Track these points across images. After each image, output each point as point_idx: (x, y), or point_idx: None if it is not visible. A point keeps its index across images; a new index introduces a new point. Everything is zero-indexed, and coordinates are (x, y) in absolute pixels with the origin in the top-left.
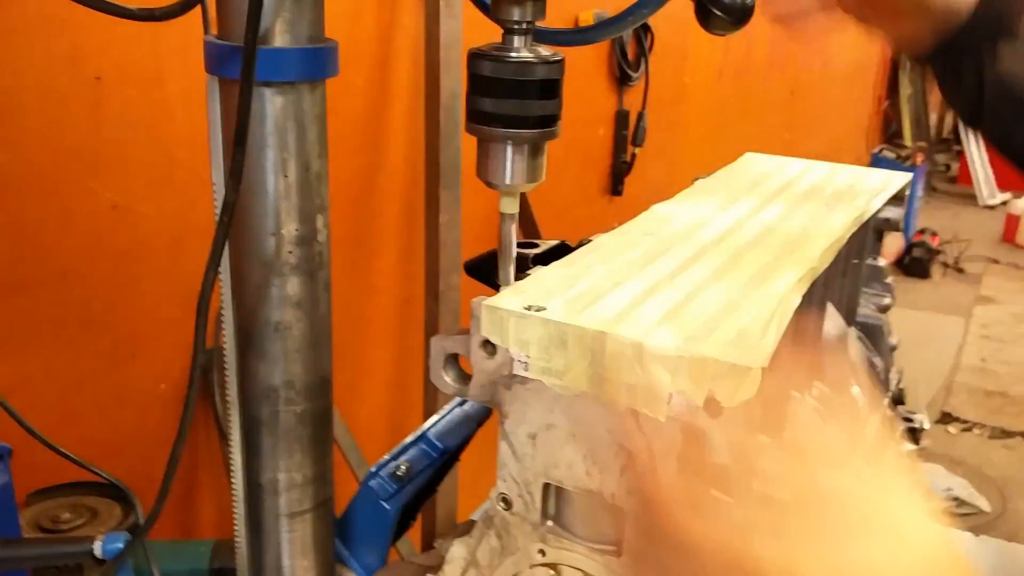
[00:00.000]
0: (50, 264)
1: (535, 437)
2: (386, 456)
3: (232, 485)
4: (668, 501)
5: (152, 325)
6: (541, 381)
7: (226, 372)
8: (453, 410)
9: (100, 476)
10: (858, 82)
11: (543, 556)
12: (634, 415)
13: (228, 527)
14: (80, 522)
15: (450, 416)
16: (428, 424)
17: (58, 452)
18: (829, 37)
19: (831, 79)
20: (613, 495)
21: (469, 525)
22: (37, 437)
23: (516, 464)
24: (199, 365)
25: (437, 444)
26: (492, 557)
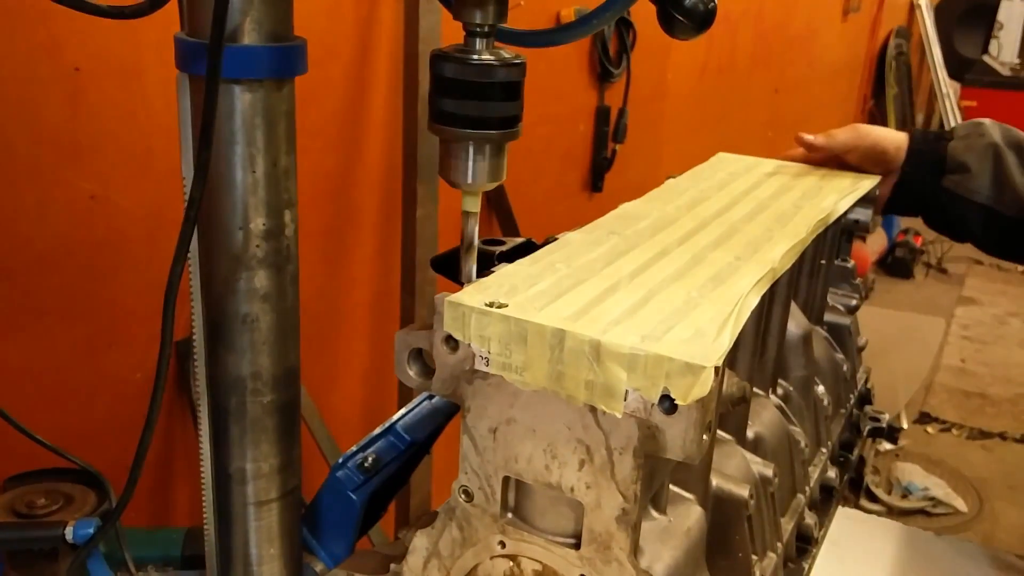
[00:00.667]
0: (27, 253)
1: (495, 431)
2: (354, 447)
3: (201, 474)
4: None
5: (128, 315)
6: (502, 376)
7: (195, 364)
8: (422, 403)
9: (75, 463)
10: (844, 81)
11: (503, 548)
12: (592, 411)
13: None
14: (55, 508)
15: (419, 409)
16: (396, 416)
17: (34, 439)
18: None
19: (816, 77)
20: (572, 489)
21: (432, 516)
22: (13, 424)
23: (477, 457)
24: (167, 356)
25: (405, 436)
26: (454, 548)
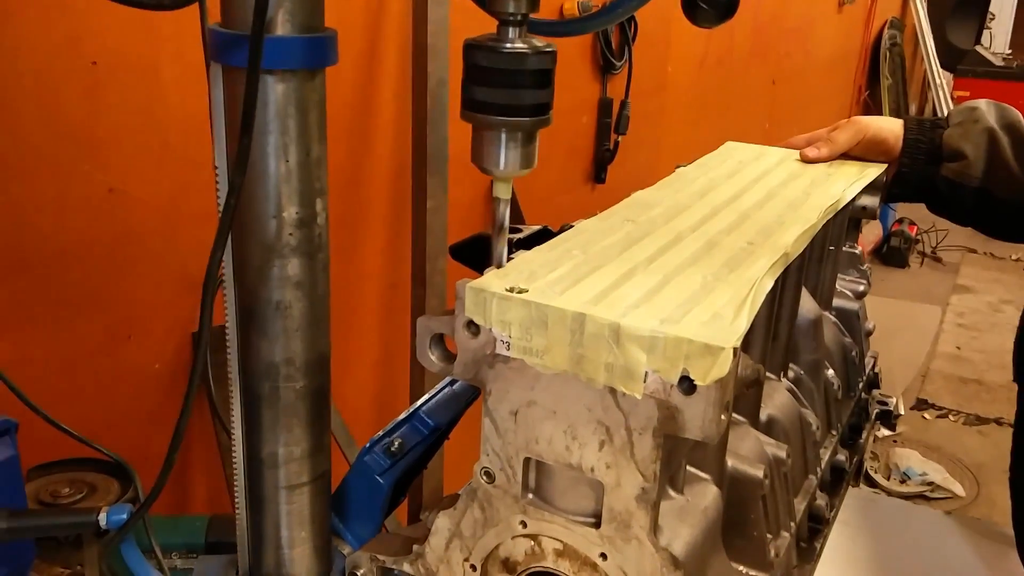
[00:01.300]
0: (48, 246)
1: (516, 413)
2: (380, 432)
3: (233, 459)
4: None
5: (147, 306)
6: (522, 360)
7: (228, 351)
8: (443, 389)
9: (101, 452)
10: (839, 72)
11: (524, 527)
12: (612, 393)
13: (219, 503)
14: (79, 496)
15: (440, 395)
16: (420, 403)
17: (61, 429)
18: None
19: (812, 69)
20: (592, 469)
21: (454, 498)
22: (40, 413)
23: (498, 439)
24: (207, 342)
25: (428, 421)
26: (475, 528)
